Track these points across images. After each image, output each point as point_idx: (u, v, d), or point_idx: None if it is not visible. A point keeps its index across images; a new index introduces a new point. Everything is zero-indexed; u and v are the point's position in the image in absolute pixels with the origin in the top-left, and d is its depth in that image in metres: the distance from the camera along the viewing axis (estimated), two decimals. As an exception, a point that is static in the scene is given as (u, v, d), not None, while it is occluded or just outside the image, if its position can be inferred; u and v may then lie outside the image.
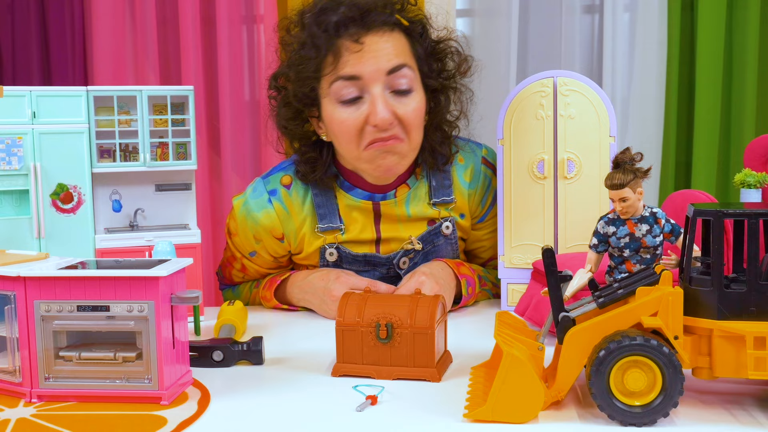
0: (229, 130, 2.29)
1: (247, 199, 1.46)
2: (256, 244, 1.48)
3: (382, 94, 1.32)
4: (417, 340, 1.03)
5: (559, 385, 0.90)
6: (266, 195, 1.45)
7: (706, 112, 2.25)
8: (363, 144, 1.34)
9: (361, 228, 1.45)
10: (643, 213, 0.97)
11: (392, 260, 1.46)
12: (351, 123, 1.33)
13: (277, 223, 1.44)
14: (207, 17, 2.31)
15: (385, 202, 1.45)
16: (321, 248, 1.45)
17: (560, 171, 1.38)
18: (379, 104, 1.31)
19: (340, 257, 1.45)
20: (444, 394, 0.98)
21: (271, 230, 1.45)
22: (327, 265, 1.46)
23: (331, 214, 1.44)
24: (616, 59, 2.30)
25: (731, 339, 0.87)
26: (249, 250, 1.50)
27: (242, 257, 1.52)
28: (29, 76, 2.15)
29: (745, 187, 1.27)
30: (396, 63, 1.33)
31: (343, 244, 1.45)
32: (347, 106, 1.33)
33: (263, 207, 1.44)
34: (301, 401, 0.97)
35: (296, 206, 1.45)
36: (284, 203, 1.45)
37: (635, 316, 0.89)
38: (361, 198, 1.44)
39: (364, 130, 1.34)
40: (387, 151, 1.35)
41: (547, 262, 0.94)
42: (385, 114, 1.31)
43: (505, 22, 2.28)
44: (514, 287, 1.42)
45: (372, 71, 1.31)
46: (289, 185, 1.46)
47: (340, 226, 1.44)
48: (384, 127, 1.32)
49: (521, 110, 1.39)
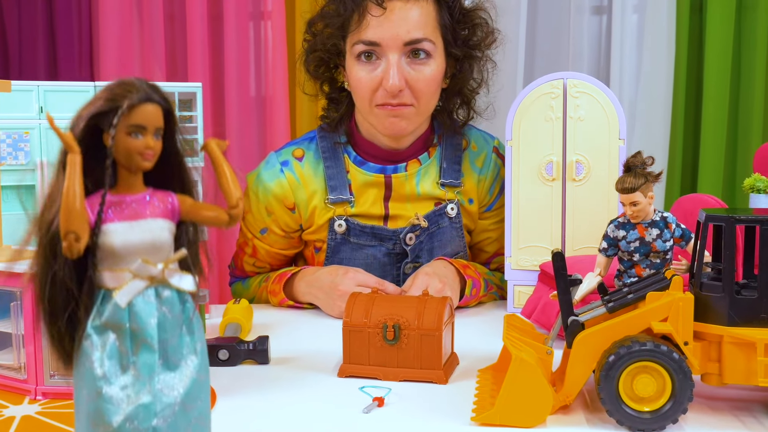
0: (235, 126, 2.29)
1: (260, 172, 1.51)
2: (267, 217, 1.50)
3: (398, 61, 1.38)
4: (424, 342, 1.02)
5: (568, 389, 0.90)
6: (278, 165, 1.50)
7: (713, 115, 2.24)
8: (374, 103, 1.41)
9: (371, 203, 1.48)
10: (654, 217, 0.96)
11: (399, 234, 1.48)
12: (366, 82, 1.40)
13: (289, 192, 1.48)
14: (214, 14, 2.30)
15: (396, 176, 1.48)
16: (330, 220, 1.48)
17: (569, 173, 1.37)
18: (393, 71, 1.37)
19: (348, 229, 1.48)
20: (451, 396, 0.97)
21: (283, 199, 1.49)
22: (335, 239, 1.49)
23: (341, 187, 1.48)
24: (624, 61, 2.30)
25: (742, 346, 0.87)
26: (260, 227, 1.53)
27: (253, 238, 1.54)
28: (35, 70, 2.15)
29: (755, 192, 1.26)
30: (415, 36, 1.37)
31: (352, 217, 1.48)
32: (365, 64, 1.40)
33: (275, 177, 1.49)
34: (307, 402, 0.96)
35: (308, 178, 1.49)
36: (296, 173, 1.49)
37: (645, 321, 0.88)
38: (373, 172, 1.48)
39: (376, 92, 1.40)
40: (395, 115, 1.41)
41: (557, 265, 0.93)
42: (395, 81, 1.37)
43: (514, 21, 2.28)
44: (521, 289, 1.41)
45: (390, 38, 1.37)
46: (301, 158, 1.51)
47: (350, 198, 1.48)
48: (393, 93, 1.38)
49: (530, 111, 1.38)
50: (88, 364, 0.61)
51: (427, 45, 1.39)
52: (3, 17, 2.19)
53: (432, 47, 1.40)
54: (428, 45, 1.39)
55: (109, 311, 0.61)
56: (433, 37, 1.40)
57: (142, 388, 0.61)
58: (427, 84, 1.40)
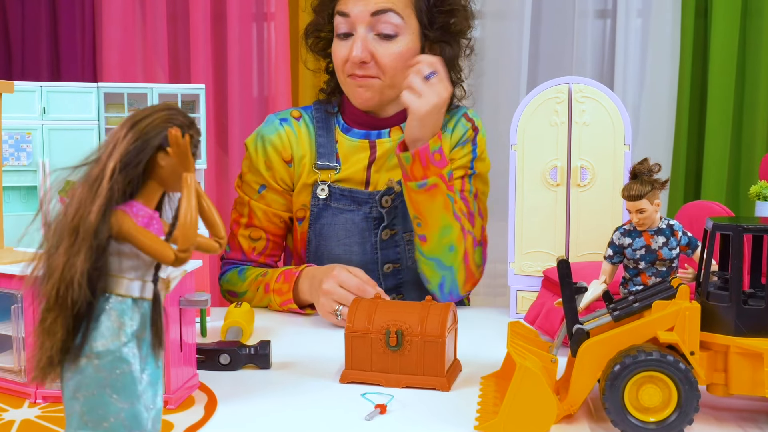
0: (237, 127, 2.28)
1: (260, 129, 1.59)
2: (266, 171, 1.56)
3: (363, 35, 1.46)
4: (427, 349, 1.02)
5: (572, 398, 0.89)
6: (277, 121, 1.58)
7: (717, 120, 2.23)
8: (345, 74, 1.51)
9: (355, 169, 1.54)
10: (660, 225, 0.96)
11: (375, 197, 1.53)
12: (339, 55, 1.51)
13: (287, 144, 1.56)
14: (218, 14, 2.30)
15: (381, 141, 1.55)
16: (314, 184, 1.55)
17: (573, 178, 1.36)
18: (357, 44, 1.46)
19: (330, 194, 1.54)
20: (454, 404, 0.96)
21: (281, 151, 1.56)
22: (317, 204, 1.55)
23: (329, 154, 1.55)
24: (628, 65, 2.29)
25: (748, 356, 0.86)
26: (259, 184, 1.58)
27: (250, 200, 1.59)
28: (38, 71, 2.14)
29: (761, 200, 1.25)
30: (381, 7, 1.45)
31: (334, 183, 1.54)
32: (341, 39, 1.50)
33: (275, 129, 1.57)
34: (309, 408, 0.95)
35: (303, 136, 1.57)
36: (294, 128, 1.57)
37: (651, 330, 0.87)
38: (358, 138, 1.56)
39: (347, 63, 1.49)
40: (360, 86, 1.49)
41: (562, 273, 0.92)
42: (358, 53, 1.46)
43: (517, 25, 2.27)
44: (524, 295, 1.40)
45: (358, 12, 1.46)
46: (299, 118, 1.60)
47: (336, 165, 1.54)
48: (357, 64, 1.47)
49: (535, 116, 1.37)
50: (127, 370, 0.62)
51: (394, 18, 1.45)
52: (6, 18, 2.19)
53: (400, 22, 1.46)
54: (395, 18, 1.45)
55: (139, 320, 0.63)
56: (403, 13, 1.46)
57: (155, 394, 0.65)
58: (392, 59, 1.46)
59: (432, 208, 1.40)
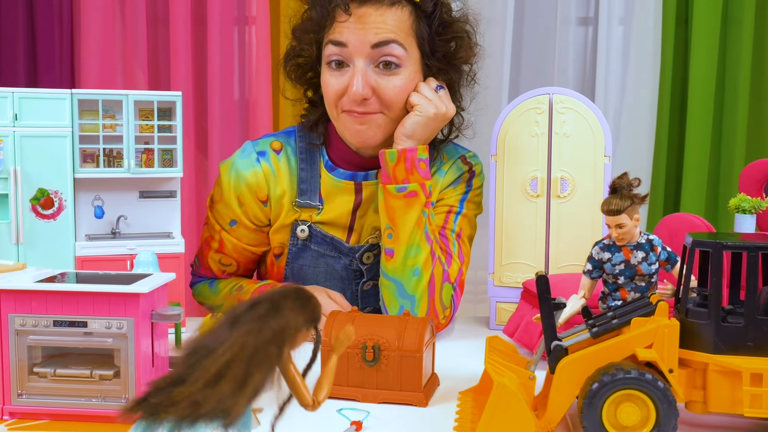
0: (218, 131, 2.26)
1: (235, 160, 1.44)
2: (238, 207, 1.43)
3: (363, 68, 1.32)
4: (404, 364, 1.00)
5: (550, 415, 0.88)
6: (255, 155, 1.43)
7: (697, 128, 2.23)
8: (340, 109, 1.36)
9: (339, 212, 1.43)
10: (639, 240, 0.95)
11: (356, 252, 1.44)
12: (332, 88, 1.35)
13: (263, 183, 1.42)
14: (198, 17, 2.27)
15: (367, 183, 1.43)
16: (294, 223, 1.43)
17: (553, 189, 1.35)
18: (357, 79, 1.31)
19: (310, 236, 1.43)
20: (431, 420, 0.95)
21: (256, 190, 1.42)
22: (296, 244, 1.44)
23: (312, 192, 1.43)
24: (610, 72, 2.29)
25: (727, 374, 0.85)
26: (230, 218, 1.46)
27: (221, 230, 1.48)
28: (15, 76, 2.11)
29: (740, 212, 1.25)
30: (383, 38, 1.31)
31: (316, 224, 1.43)
32: (334, 70, 1.35)
33: (251, 166, 1.42)
34: (283, 424, 0.93)
35: (283, 173, 1.43)
36: (272, 165, 1.43)
37: (630, 347, 0.87)
38: (343, 178, 1.43)
39: (342, 97, 1.34)
40: (361, 123, 1.35)
41: (541, 289, 0.91)
42: (359, 89, 1.31)
43: (500, 32, 2.26)
44: (503, 306, 1.39)
45: (357, 42, 1.31)
46: (279, 151, 1.45)
47: (318, 205, 1.43)
48: (357, 101, 1.32)
49: (516, 126, 1.37)
50: None
51: (397, 49, 1.31)
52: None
53: (403, 54, 1.32)
54: (398, 50, 1.31)
55: None
56: (405, 43, 1.32)
57: None
58: (397, 93, 1.33)
59: (406, 219, 1.33)
